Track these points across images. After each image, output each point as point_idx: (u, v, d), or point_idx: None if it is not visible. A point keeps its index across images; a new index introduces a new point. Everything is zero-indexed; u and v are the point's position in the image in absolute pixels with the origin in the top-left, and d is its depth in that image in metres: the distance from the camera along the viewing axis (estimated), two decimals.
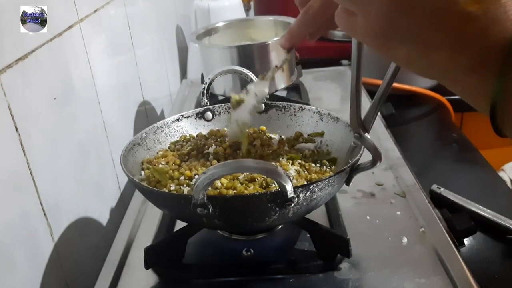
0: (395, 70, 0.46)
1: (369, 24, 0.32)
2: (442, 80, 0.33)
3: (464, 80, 0.31)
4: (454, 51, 0.30)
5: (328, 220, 0.65)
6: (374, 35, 0.33)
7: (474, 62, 0.30)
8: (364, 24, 0.33)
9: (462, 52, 0.30)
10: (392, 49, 0.33)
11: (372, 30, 0.32)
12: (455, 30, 0.29)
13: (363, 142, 0.52)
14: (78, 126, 0.68)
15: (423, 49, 0.31)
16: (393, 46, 0.32)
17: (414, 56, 0.32)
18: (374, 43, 0.33)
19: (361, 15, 0.33)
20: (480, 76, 0.30)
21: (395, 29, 0.31)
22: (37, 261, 0.56)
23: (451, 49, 0.30)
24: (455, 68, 0.31)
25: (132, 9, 0.98)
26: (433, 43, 0.30)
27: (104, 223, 0.76)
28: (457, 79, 0.32)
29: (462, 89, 0.32)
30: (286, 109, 0.74)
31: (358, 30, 0.34)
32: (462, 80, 0.31)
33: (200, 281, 0.59)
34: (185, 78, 1.33)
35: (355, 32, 0.35)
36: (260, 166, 0.48)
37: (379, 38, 0.33)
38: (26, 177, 0.54)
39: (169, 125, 0.71)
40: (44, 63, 0.59)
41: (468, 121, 1.36)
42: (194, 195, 0.47)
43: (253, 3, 1.73)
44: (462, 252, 0.60)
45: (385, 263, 0.58)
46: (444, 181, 0.81)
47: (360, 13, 0.33)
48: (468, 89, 0.32)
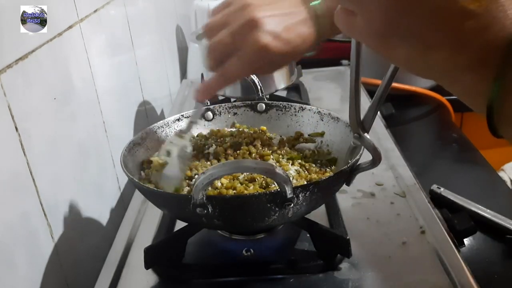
0: (394, 70, 0.46)
1: (368, 24, 0.32)
2: (441, 80, 0.33)
3: (463, 79, 0.31)
4: (453, 50, 0.30)
5: (328, 220, 0.65)
6: (373, 34, 0.33)
7: (474, 61, 0.30)
8: (364, 24, 0.33)
9: (461, 52, 0.30)
10: (391, 49, 0.33)
11: (372, 30, 0.32)
12: (455, 29, 0.29)
13: (363, 142, 0.52)
14: (78, 126, 0.68)
15: (423, 48, 0.31)
16: (392, 46, 0.32)
17: (413, 56, 0.32)
18: (374, 43, 0.33)
19: (360, 15, 0.33)
20: (479, 75, 0.30)
21: (394, 29, 0.31)
22: (37, 261, 0.56)
23: (450, 49, 0.30)
24: (454, 68, 0.31)
25: (132, 9, 0.97)
26: (433, 42, 0.30)
27: (104, 223, 0.76)
28: (456, 79, 0.32)
29: (460, 89, 0.32)
30: (287, 109, 0.74)
31: (357, 30, 0.34)
32: (461, 79, 0.31)
33: (200, 281, 0.59)
34: (185, 78, 1.33)
35: (355, 32, 0.35)
36: (260, 166, 0.48)
37: (378, 38, 0.33)
38: (26, 177, 0.54)
39: (169, 125, 0.71)
40: (44, 63, 0.59)
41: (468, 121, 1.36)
42: (194, 195, 0.47)
43: None
44: (462, 252, 0.60)
45: (385, 263, 0.58)
46: (444, 181, 0.81)
47: (359, 12, 0.33)
48: (467, 89, 0.32)
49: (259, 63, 0.53)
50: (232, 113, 0.75)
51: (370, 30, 0.33)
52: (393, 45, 0.32)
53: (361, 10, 0.33)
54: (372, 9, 0.31)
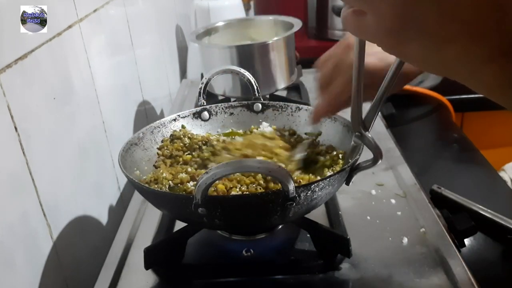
0: (397, 68, 0.45)
1: (380, 21, 0.31)
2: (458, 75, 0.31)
3: (483, 72, 0.30)
4: (471, 42, 0.29)
5: (328, 220, 0.65)
6: (385, 32, 0.32)
7: (494, 52, 0.28)
8: (375, 22, 0.32)
9: (480, 43, 0.28)
10: (404, 46, 0.31)
11: (383, 27, 0.31)
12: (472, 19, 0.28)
13: (364, 141, 0.52)
14: (77, 126, 0.68)
15: (438, 42, 0.30)
16: (406, 42, 0.31)
17: (428, 51, 0.31)
18: (386, 40, 0.32)
19: (371, 13, 0.32)
20: (501, 66, 0.29)
21: (406, 23, 0.30)
22: (36, 261, 0.56)
23: (468, 40, 0.29)
24: (473, 61, 0.29)
25: (132, 8, 0.97)
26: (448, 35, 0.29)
27: (103, 223, 0.76)
28: (474, 73, 0.30)
29: (479, 83, 0.31)
30: (283, 109, 0.74)
31: (369, 30, 0.33)
32: (480, 73, 0.30)
33: (200, 281, 0.58)
34: (184, 78, 1.33)
35: (366, 32, 0.34)
36: (263, 166, 0.48)
37: (391, 35, 0.32)
38: (25, 177, 0.54)
39: (166, 125, 0.71)
40: (43, 63, 0.59)
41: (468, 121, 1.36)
42: (196, 195, 0.47)
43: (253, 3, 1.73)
44: (463, 253, 0.60)
45: (385, 263, 0.58)
46: (445, 181, 0.81)
47: (370, 10, 0.32)
48: (487, 82, 0.30)
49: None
50: (228, 113, 0.75)
51: (381, 27, 0.31)
52: (406, 42, 0.31)
53: (371, 7, 0.32)
54: (383, 4, 0.30)
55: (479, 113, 1.34)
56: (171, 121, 0.72)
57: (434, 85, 1.23)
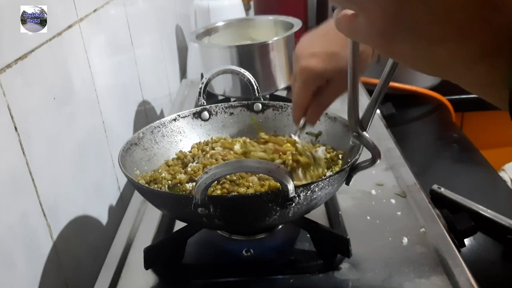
0: (392, 67, 0.45)
1: (371, 22, 0.32)
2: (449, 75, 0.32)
3: (474, 71, 0.30)
4: (462, 40, 0.29)
5: (328, 220, 0.65)
6: (377, 33, 0.32)
7: (486, 50, 0.28)
8: (366, 23, 0.32)
9: (471, 41, 0.28)
10: (396, 47, 0.32)
11: (375, 28, 0.32)
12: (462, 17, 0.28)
13: (362, 141, 0.52)
14: (77, 126, 0.68)
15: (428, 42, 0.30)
16: (397, 42, 0.31)
17: (419, 51, 0.31)
18: (378, 41, 0.33)
19: (362, 15, 0.32)
20: (492, 65, 0.29)
21: (398, 24, 0.30)
22: (36, 261, 0.56)
23: (459, 39, 0.29)
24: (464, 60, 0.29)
25: (132, 8, 0.97)
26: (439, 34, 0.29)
27: (103, 223, 0.76)
28: (465, 72, 0.30)
29: (470, 82, 0.31)
30: (283, 109, 0.74)
31: (360, 31, 0.33)
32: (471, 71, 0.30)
33: (200, 281, 0.58)
34: (184, 78, 1.33)
35: (358, 34, 0.34)
36: (262, 165, 0.48)
37: (382, 36, 0.32)
38: (25, 177, 0.54)
39: (166, 125, 0.71)
40: (43, 63, 0.59)
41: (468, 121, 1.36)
42: (196, 194, 0.47)
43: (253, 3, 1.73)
44: (463, 252, 0.60)
45: (385, 263, 0.58)
46: (445, 181, 0.81)
47: (361, 12, 0.32)
48: (479, 80, 0.30)
49: (312, 83, 0.57)
50: (228, 113, 0.75)
51: (373, 28, 0.32)
52: (398, 43, 0.31)
53: (361, 9, 0.32)
54: (373, 6, 0.31)
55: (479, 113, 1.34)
56: (171, 121, 0.72)
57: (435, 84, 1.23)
